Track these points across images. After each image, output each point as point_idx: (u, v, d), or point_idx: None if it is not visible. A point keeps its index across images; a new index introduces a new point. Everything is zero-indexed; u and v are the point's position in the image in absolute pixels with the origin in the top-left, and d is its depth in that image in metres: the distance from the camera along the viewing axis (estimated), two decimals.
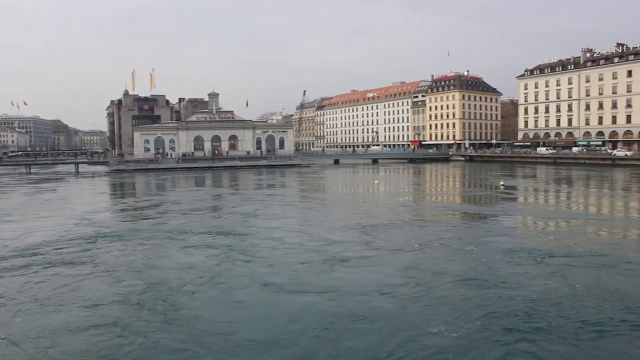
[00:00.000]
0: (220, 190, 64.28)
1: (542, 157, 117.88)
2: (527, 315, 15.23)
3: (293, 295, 18.16)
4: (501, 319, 15.07)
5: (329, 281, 19.65)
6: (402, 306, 16.54)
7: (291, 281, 19.81)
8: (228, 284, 19.78)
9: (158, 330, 14.99)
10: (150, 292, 18.70)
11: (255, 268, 21.92)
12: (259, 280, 19.95)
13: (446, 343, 13.50)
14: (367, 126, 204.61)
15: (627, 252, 23.82)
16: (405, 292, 18.07)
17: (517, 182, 68.03)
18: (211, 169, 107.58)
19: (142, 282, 20.02)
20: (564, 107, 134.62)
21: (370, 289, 18.40)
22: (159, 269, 22.22)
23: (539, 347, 13.11)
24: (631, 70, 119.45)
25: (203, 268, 22.09)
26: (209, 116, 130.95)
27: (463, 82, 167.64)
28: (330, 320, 15.34)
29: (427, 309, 16.21)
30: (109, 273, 21.53)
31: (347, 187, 68.33)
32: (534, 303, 16.34)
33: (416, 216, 38.12)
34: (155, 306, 17.12)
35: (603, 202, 47.35)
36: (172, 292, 18.68)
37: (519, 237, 28.91)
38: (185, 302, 17.56)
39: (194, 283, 19.86)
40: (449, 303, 16.64)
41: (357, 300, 17.23)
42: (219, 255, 24.69)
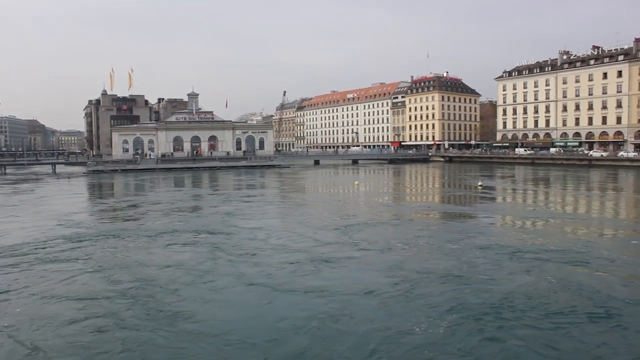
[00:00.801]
0: (200, 190, 63.93)
1: (520, 158, 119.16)
2: (502, 310, 15.82)
3: (277, 295, 18.11)
4: (479, 314, 15.52)
5: (313, 281, 19.69)
6: (386, 304, 16.67)
7: (275, 281, 19.75)
8: (212, 283, 19.71)
9: (142, 329, 14.94)
10: (133, 292, 18.57)
11: (238, 268, 21.86)
12: (242, 280, 19.92)
13: (426, 339, 13.81)
14: (347, 127, 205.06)
15: (599, 250, 24.49)
16: (388, 290, 18.20)
17: (496, 183, 68.64)
18: (191, 169, 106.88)
19: (125, 282, 19.86)
20: (541, 108, 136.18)
21: (354, 288, 18.48)
22: (141, 268, 22.06)
23: (512, 339, 13.73)
24: (606, 72, 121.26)
25: (186, 268, 21.98)
26: (189, 117, 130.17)
27: (442, 83, 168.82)
28: (316, 319, 15.37)
29: (409, 306, 16.45)
30: (90, 273, 21.34)
31: (328, 188, 68.33)
32: (510, 297, 16.97)
33: (397, 216, 38.31)
34: (139, 306, 17.02)
35: (579, 202, 47.97)
36: (155, 291, 18.57)
37: (496, 236, 29.25)
38: (169, 301, 17.46)
39: (178, 282, 19.77)
40: (431, 300, 16.94)
41: (342, 299, 17.29)
42: (201, 255, 24.56)
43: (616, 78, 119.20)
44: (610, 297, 16.91)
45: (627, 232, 30.97)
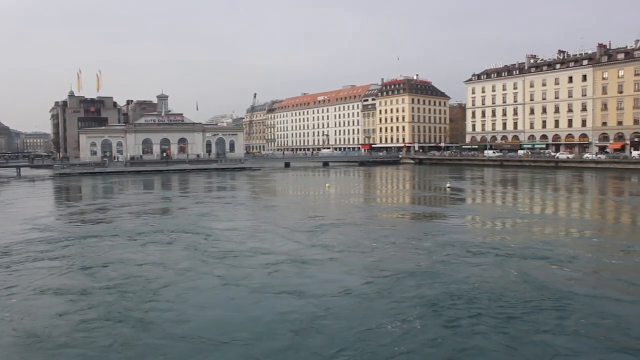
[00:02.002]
0: (170, 193, 63.20)
1: (489, 160, 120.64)
2: (470, 303, 16.76)
3: (254, 296, 18.10)
4: (448, 308, 16.41)
5: (289, 281, 19.82)
6: (361, 302, 17.05)
7: (251, 282, 19.75)
8: (187, 284, 19.69)
9: (120, 330, 14.98)
10: (107, 294, 18.43)
11: (213, 269, 21.84)
12: (218, 282, 19.97)
13: (399, 334, 14.22)
14: (318, 129, 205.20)
15: (562, 248, 25.55)
16: (362, 288, 18.60)
17: (465, 184, 69.38)
18: (160, 172, 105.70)
19: (97, 285, 19.67)
20: (509, 111, 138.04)
21: (330, 288, 18.76)
22: (114, 271, 21.83)
23: (477, 330, 14.60)
24: (572, 76, 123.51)
25: (161, 269, 21.92)
26: (158, 119, 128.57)
27: (412, 86, 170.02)
28: (292, 318, 15.57)
29: (383, 304, 16.93)
30: (60, 276, 21.08)
31: (299, 190, 68.19)
32: (476, 292, 17.89)
33: (368, 217, 38.59)
34: (115, 307, 16.93)
35: (546, 203, 48.70)
36: (131, 294, 18.44)
37: (464, 235, 29.72)
38: (145, 303, 17.43)
39: (153, 284, 19.71)
40: (404, 297, 17.51)
41: (317, 298, 17.48)
42: (176, 257, 24.43)
43: (581, 82, 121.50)
44: (563, 290, 18.00)
45: (590, 231, 31.67)
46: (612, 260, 23.08)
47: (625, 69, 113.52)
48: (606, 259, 23.50)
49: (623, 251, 25.18)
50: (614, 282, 19.66)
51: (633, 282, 19.50)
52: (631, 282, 19.49)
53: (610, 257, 23.71)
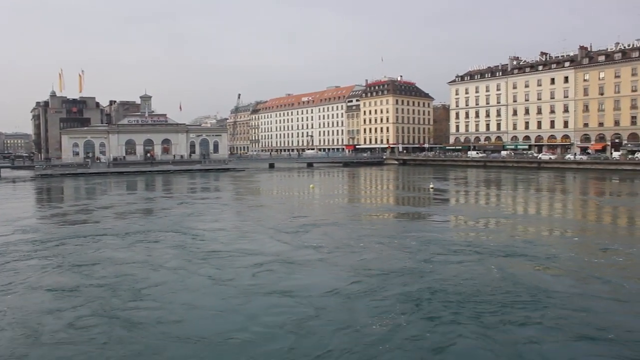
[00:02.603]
0: (154, 194, 62.89)
1: (472, 161, 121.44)
2: (451, 300, 17.13)
3: (242, 296, 18.12)
4: (432, 306, 16.77)
5: (277, 281, 19.89)
6: (347, 301, 17.34)
7: (238, 282, 19.81)
8: (176, 285, 19.65)
9: (107, 331, 14.98)
10: (94, 296, 18.33)
11: (200, 270, 21.83)
12: (205, 282, 19.98)
13: (385, 331, 14.46)
14: (302, 130, 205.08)
15: (544, 247, 26.08)
16: (348, 287, 18.84)
17: (448, 185, 69.80)
18: (144, 173, 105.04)
19: (84, 287, 19.56)
20: (493, 112, 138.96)
21: (317, 287, 18.93)
22: (99, 272, 21.76)
23: (458, 325, 15.05)
24: (554, 78, 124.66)
25: (147, 270, 21.91)
26: (142, 119, 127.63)
27: (396, 87, 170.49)
28: (283, 319, 15.64)
29: (370, 302, 17.17)
30: (46, 277, 20.97)
31: (284, 191, 68.12)
32: (458, 289, 18.35)
33: (352, 217, 38.77)
34: (103, 309, 16.86)
35: (529, 203, 49.18)
36: (114, 294, 18.41)
37: (447, 234, 29.94)
38: (132, 303, 17.48)
39: (139, 284, 19.68)
40: (389, 296, 17.78)
41: (305, 298, 17.62)
42: (161, 258, 24.35)
43: (563, 83, 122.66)
44: (542, 287, 18.56)
45: (571, 231, 32.06)
46: (592, 259, 23.47)
47: (605, 71, 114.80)
48: (585, 257, 23.92)
49: (602, 250, 25.51)
50: (592, 279, 20.01)
51: (609, 279, 19.85)
52: (608, 279, 19.85)
53: (589, 256, 24.13)
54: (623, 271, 21.37)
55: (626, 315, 15.97)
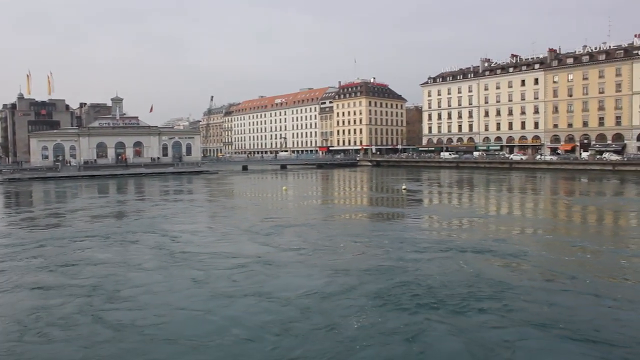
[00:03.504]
0: (126, 197, 62.26)
1: (445, 162, 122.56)
2: (424, 297, 17.58)
3: (217, 298, 18.06)
4: (406, 301, 17.24)
5: (254, 282, 19.86)
6: (324, 301, 17.38)
7: (213, 284, 19.72)
8: (155, 287, 19.54)
9: (88, 334, 14.88)
10: (71, 299, 18.13)
11: (178, 272, 21.68)
12: (183, 284, 19.80)
13: (361, 329, 14.57)
14: (276, 132, 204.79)
15: (515, 245, 26.69)
16: (325, 287, 18.91)
17: (422, 185, 70.34)
18: (116, 176, 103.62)
19: (61, 290, 19.38)
20: (465, 113, 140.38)
21: (293, 287, 19.02)
22: (74, 276, 21.45)
23: (430, 321, 15.39)
24: (524, 79, 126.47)
25: (122, 272, 21.72)
26: (113, 122, 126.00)
27: (369, 88, 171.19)
28: (262, 319, 15.67)
29: (346, 301, 17.25)
30: (19, 279, 20.66)
31: (257, 194, 67.85)
32: (431, 286, 18.84)
33: (325, 219, 38.79)
34: (80, 314, 16.62)
35: (501, 203, 49.90)
36: (91, 297, 18.23)
37: (419, 234, 30.21)
38: (111, 304, 17.41)
39: (114, 286, 19.55)
40: (365, 293, 18.03)
41: (282, 298, 17.67)
42: (136, 260, 24.14)
43: (533, 85, 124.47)
44: (509, 283, 19.14)
45: (542, 230, 32.50)
46: (560, 257, 23.98)
47: (574, 73, 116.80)
48: (554, 254, 24.49)
49: (571, 248, 26.08)
50: (557, 275, 20.46)
51: (575, 275, 20.33)
52: (573, 275, 20.32)
53: (558, 253, 24.68)
54: (589, 268, 21.86)
55: (584, 308, 16.46)
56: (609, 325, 14.90)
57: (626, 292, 18.22)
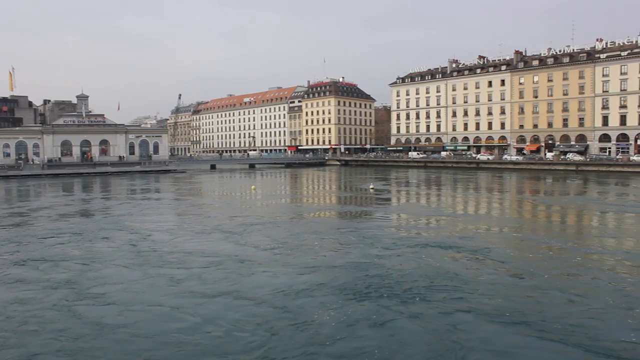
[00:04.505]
0: (92, 196, 61.16)
1: (413, 161, 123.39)
2: (386, 290, 18.03)
3: (192, 297, 17.89)
4: (371, 294, 17.84)
5: (226, 281, 19.81)
6: (295, 298, 17.57)
7: (188, 283, 19.59)
8: (125, 286, 19.31)
9: (63, 332, 14.80)
10: (38, 298, 17.90)
11: (146, 271, 21.47)
12: (155, 283, 19.66)
13: (332, 324, 14.86)
14: (244, 131, 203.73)
15: (480, 242, 27.24)
16: (296, 285, 19.09)
17: (390, 185, 70.64)
18: (81, 175, 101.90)
19: (24, 290, 18.97)
20: (433, 113, 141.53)
21: (265, 285, 19.09)
22: (39, 276, 21.04)
23: (392, 312, 15.76)
24: (491, 80, 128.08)
25: (87, 272, 21.45)
26: (78, 120, 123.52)
27: (338, 88, 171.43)
28: (237, 317, 15.70)
29: (319, 297, 17.61)
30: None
31: (225, 193, 67.42)
32: (395, 280, 19.50)
33: (294, 218, 39.01)
34: (53, 313, 16.47)
35: (468, 202, 50.38)
36: (56, 296, 17.99)
37: (384, 232, 30.51)
38: (81, 303, 17.26)
39: (87, 285, 19.36)
40: (335, 289, 18.45)
41: (255, 296, 17.72)
42: (102, 260, 23.69)
43: (500, 86, 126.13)
44: (467, 277, 19.98)
45: (508, 228, 32.97)
46: (523, 253, 24.81)
47: (539, 75, 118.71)
48: (516, 251, 25.37)
49: (534, 244, 26.78)
50: (518, 270, 21.33)
51: (534, 270, 21.04)
52: (532, 271, 21.03)
53: (520, 250, 25.57)
54: (548, 264, 22.43)
55: (536, 300, 17.34)
56: (556, 315, 15.67)
57: (577, 287, 18.82)
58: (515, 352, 13.28)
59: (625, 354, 12.99)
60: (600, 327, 14.72)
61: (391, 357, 13.06)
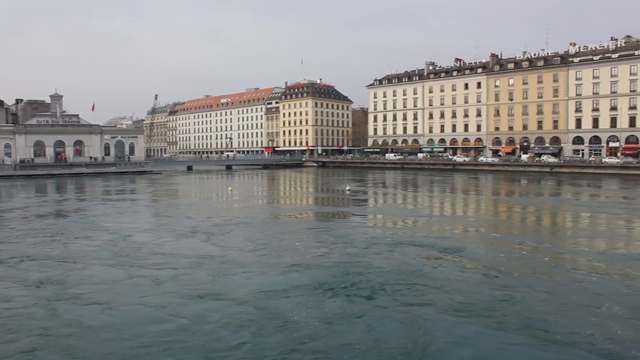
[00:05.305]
0: (66, 197, 60.41)
1: (390, 163, 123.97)
2: (367, 288, 18.25)
3: (171, 297, 17.77)
4: (348, 290, 18.08)
5: (205, 282, 19.71)
6: (272, 297, 17.52)
7: (166, 284, 19.43)
8: (111, 289, 19.00)
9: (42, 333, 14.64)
10: (23, 298, 17.85)
11: (125, 272, 21.20)
12: (134, 285, 19.45)
13: (312, 321, 14.81)
14: (221, 132, 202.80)
15: (450, 241, 27.85)
16: (274, 285, 19.11)
17: (367, 186, 70.78)
18: (54, 176, 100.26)
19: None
20: (410, 115, 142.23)
21: (244, 286, 19.08)
22: (27, 274, 20.97)
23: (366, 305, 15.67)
24: (467, 83, 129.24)
25: (70, 272, 21.26)
26: (52, 120, 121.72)
27: (316, 89, 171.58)
28: (217, 319, 15.58)
29: (298, 296, 17.80)
30: None
31: (202, 194, 67.07)
32: (372, 277, 19.48)
33: (270, 219, 38.96)
34: (33, 312, 16.35)
35: (444, 203, 50.90)
36: (33, 296, 17.91)
37: (359, 232, 30.82)
38: (66, 305, 17.07)
39: (64, 286, 19.15)
40: (312, 287, 18.69)
41: (234, 298, 17.63)
42: (78, 261, 23.38)
43: (476, 89, 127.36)
44: (440, 276, 20.43)
45: (485, 229, 33.33)
46: (496, 252, 25.14)
47: (515, 78, 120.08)
48: (490, 250, 25.77)
49: (508, 244, 27.13)
50: (488, 268, 21.76)
51: (505, 269, 21.43)
52: (503, 269, 21.46)
53: (494, 249, 25.96)
54: (520, 263, 22.82)
55: (505, 297, 17.72)
56: (519, 310, 16.24)
57: (544, 285, 19.20)
58: (477, 344, 13.79)
59: (577, 346, 13.45)
60: (560, 322, 15.14)
61: (368, 351, 13.24)
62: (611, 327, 14.72)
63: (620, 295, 17.73)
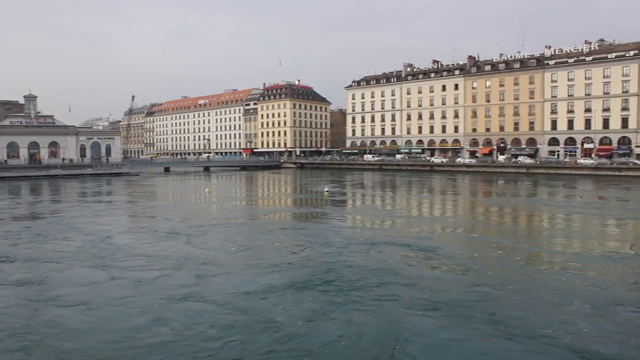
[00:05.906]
0: (41, 199, 59.58)
1: (369, 164, 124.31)
2: (344, 285, 18.35)
3: (154, 299, 17.67)
4: (325, 288, 18.53)
5: (186, 283, 19.65)
6: (250, 297, 17.70)
7: (145, 285, 19.40)
8: (91, 290, 18.89)
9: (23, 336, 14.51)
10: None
11: (105, 274, 21.05)
12: (118, 287, 19.34)
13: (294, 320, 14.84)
14: (199, 133, 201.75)
15: (427, 240, 28.22)
16: (253, 285, 19.19)
17: (345, 188, 70.98)
18: (29, 178, 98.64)
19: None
20: (388, 116, 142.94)
21: (226, 287, 19.10)
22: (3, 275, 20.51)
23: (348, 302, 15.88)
24: (445, 85, 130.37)
25: (50, 273, 21.12)
26: (26, 120, 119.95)
27: (294, 91, 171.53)
28: (202, 319, 15.60)
29: (279, 294, 18.04)
30: None
31: (179, 195, 66.64)
32: (347, 275, 19.92)
33: (248, 220, 39.11)
34: (14, 313, 16.34)
35: (422, 204, 51.23)
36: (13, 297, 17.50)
37: (338, 232, 30.90)
38: (46, 306, 17.04)
39: (45, 288, 19.05)
40: (293, 285, 18.98)
41: (212, 297, 17.73)
42: (54, 263, 23.18)
43: (453, 90, 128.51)
44: (408, 272, 21.16)
45: (462, 229, 33.63)
46: (472, 252, 25.56)
47: (491, 80, 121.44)
48: (466, 250, 26.14)
49: (484, 244, 27.53)
50: (463, 267, 22.18)
51: (479, 268, 21.95)
52: (476, 267, 22.01)
53: (470, 249, 26.36)
54: (495, 262, 23.20)
55: (477, 295, 18.09)
56: (488, 307, 16.63)
57: (517, 283, 19.64)
58: (444, 338, 14.33)
59: (541, 341, 13.80)
60: (527, 318, 15.56)
61: (346, 346, 13.55)
62: (577, 323, 15.08)
63: (589, 293, 18.11)
